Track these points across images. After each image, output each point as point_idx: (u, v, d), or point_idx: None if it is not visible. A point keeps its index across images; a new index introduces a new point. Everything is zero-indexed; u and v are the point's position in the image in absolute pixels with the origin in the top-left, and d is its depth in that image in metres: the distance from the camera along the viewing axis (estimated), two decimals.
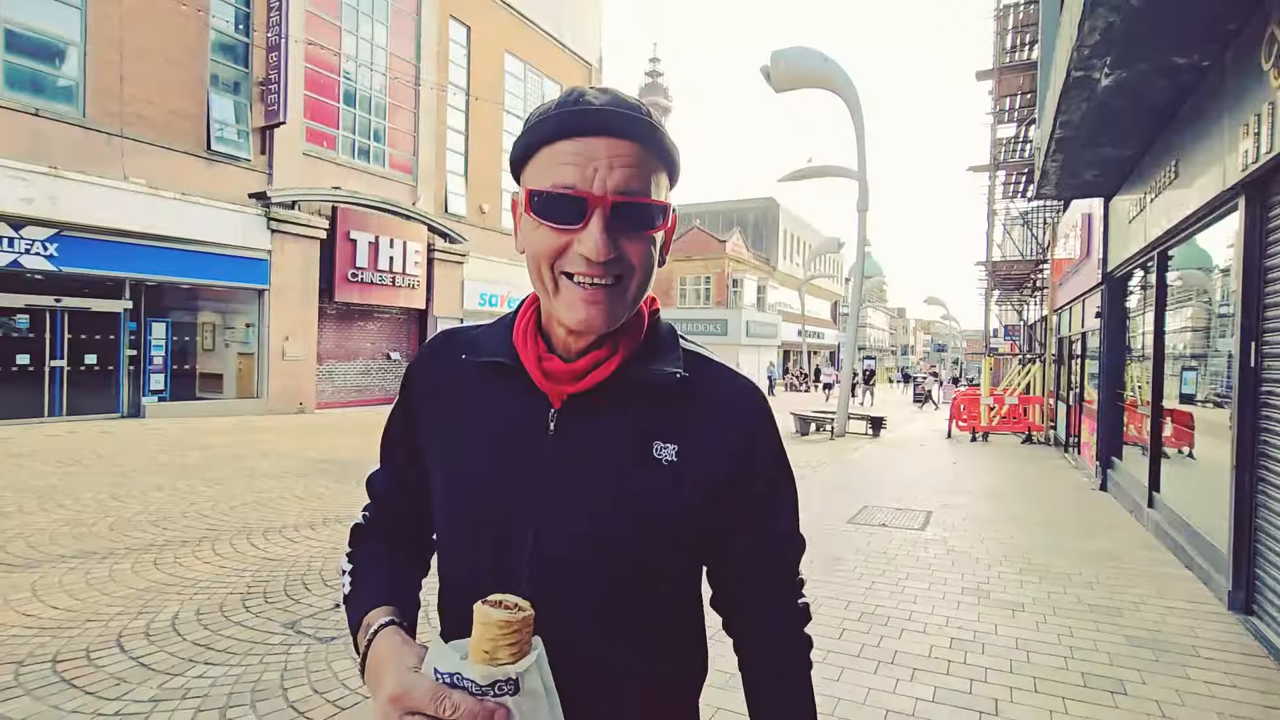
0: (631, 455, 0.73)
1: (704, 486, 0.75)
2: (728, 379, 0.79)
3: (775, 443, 0.81)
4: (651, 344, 0.78)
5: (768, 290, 38.72)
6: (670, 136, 0.72)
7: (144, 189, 11.76)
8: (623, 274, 0.68)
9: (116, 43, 11.66)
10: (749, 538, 0.80)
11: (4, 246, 10.27)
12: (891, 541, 5.59)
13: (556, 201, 0.67)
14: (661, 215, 0.70)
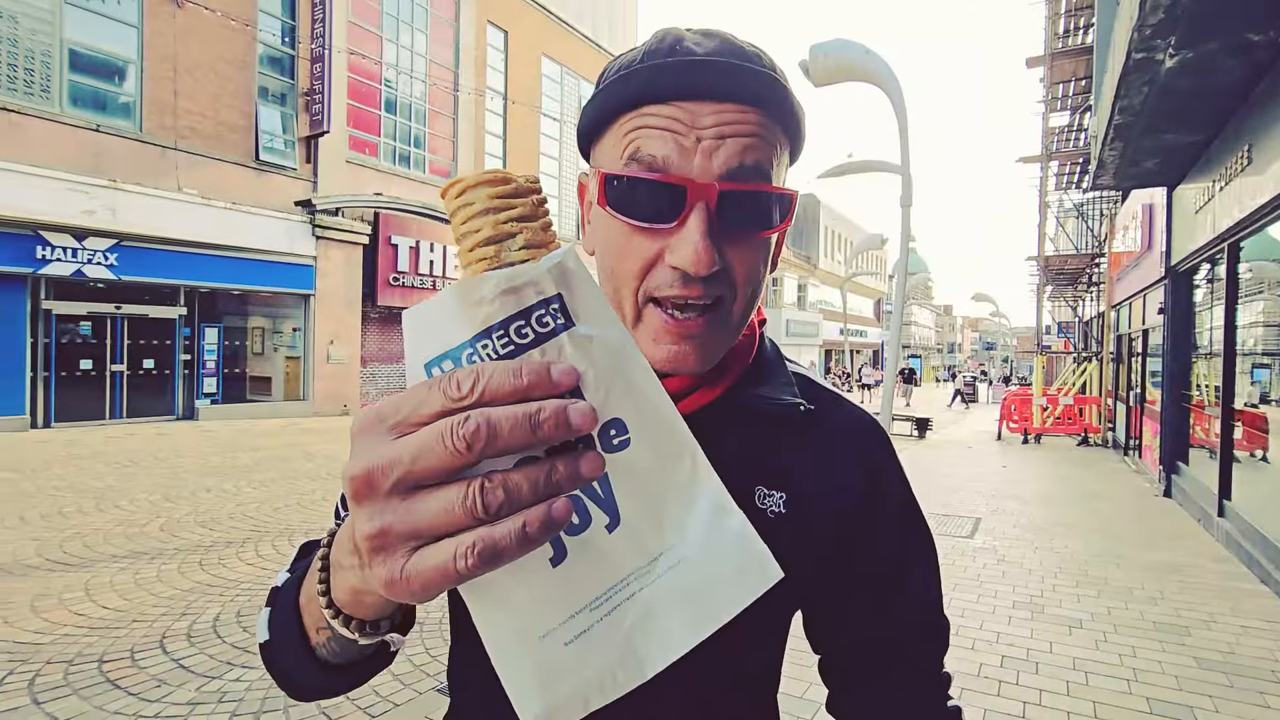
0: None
1: (817, 547, 0.60)
2: (844, 408, 0.65)
3: (905, 488, 0.65)
4: (760, 365, 0.64)
5: (808, 288, 38.10)
6: (797, 95, 0.53)
7: (197, 199, 12.20)
8: (726, 294, 0.52)
9: (170, 59, 12.13)
10: (874, 617, 0.63)
11: (68, 257, 10.78)
12: (938, 550, 5.37)
13: (640, 190, 0.50)
14: (784, 209, 0.52)
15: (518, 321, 0.30)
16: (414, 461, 0.28)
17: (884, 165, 16.58)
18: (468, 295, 0.31)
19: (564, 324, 0.31)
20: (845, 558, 0.62)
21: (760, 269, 0.54)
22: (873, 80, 13.51)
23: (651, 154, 0.49)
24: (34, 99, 10.66)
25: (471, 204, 0.32)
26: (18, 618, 3.57)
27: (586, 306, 0.32)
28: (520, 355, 0.30)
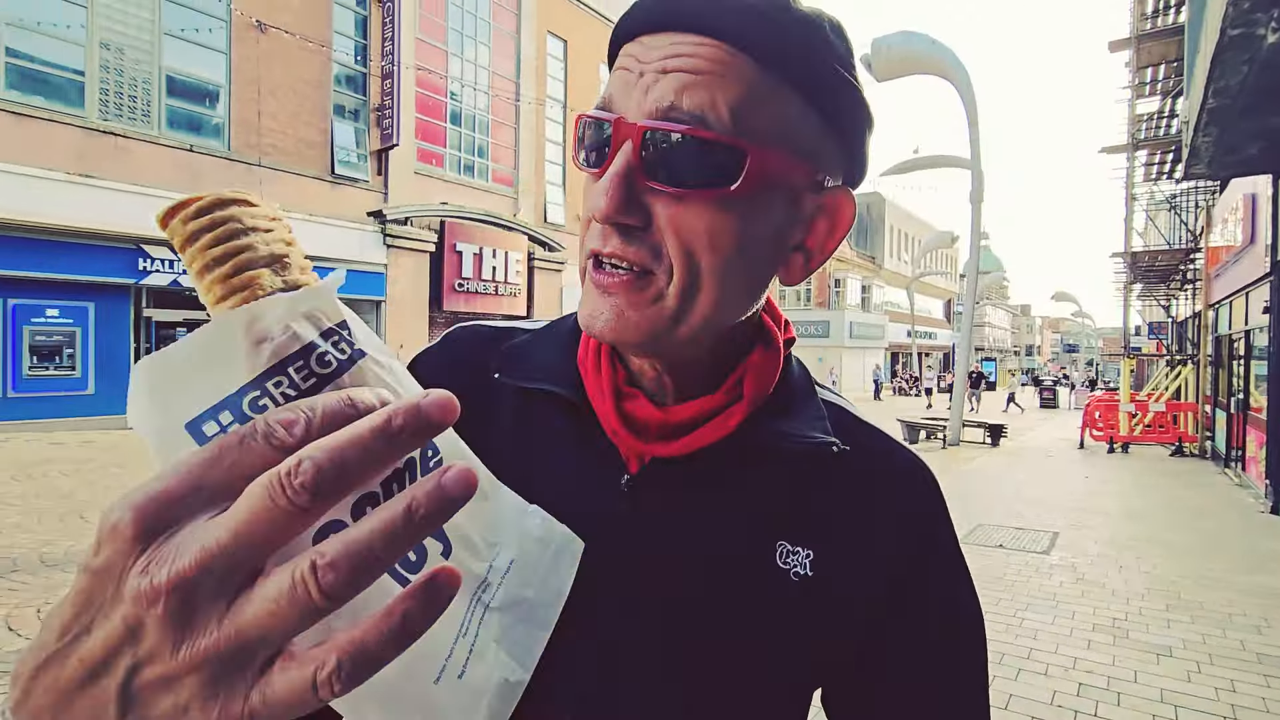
0: (741, 560, 0.48)
1: (847, 616, 0.49)
2: (887, 449, 0.54)
3: (956, 555, 0.54)
4: (785, 391, 0.53)
5: (873, 289, 36.99)
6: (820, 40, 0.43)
7: (278, 212, 12.93)
8: (653, 265, 0.42)
9: (255, 82, 12.93)
10: (905, 707, 0.51)
11: (165, 268, 11.64)
12: (1009, 566, 5.07)
13: (583, 132, 0.45)
14: (733, 164, 0.41)
15: (318, 349, 0.26)
16: (237, 542, 0.21)
17: (953, 160, 15.95)
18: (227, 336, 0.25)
19: (359, 351, 0.28)
20: (878, 633, 0.51)
21: (711, 241, 0.42)
22: (940, 71, 13.02)
23: (604, 96, 0.44)
24: (136, 123, 11.58)
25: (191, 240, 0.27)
26: None
27: (363, 332, 0.29)
28: (324, 389, 0.26)
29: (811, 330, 33.04)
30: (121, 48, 11.48)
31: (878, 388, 28.20)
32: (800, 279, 0.49)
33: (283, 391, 0.25)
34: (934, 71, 13.24)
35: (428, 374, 0.58)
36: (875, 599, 0.50)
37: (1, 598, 3.89)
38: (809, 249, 0.49)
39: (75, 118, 10.82)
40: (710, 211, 0.42)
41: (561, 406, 0.52)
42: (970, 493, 8.17)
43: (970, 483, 8.91)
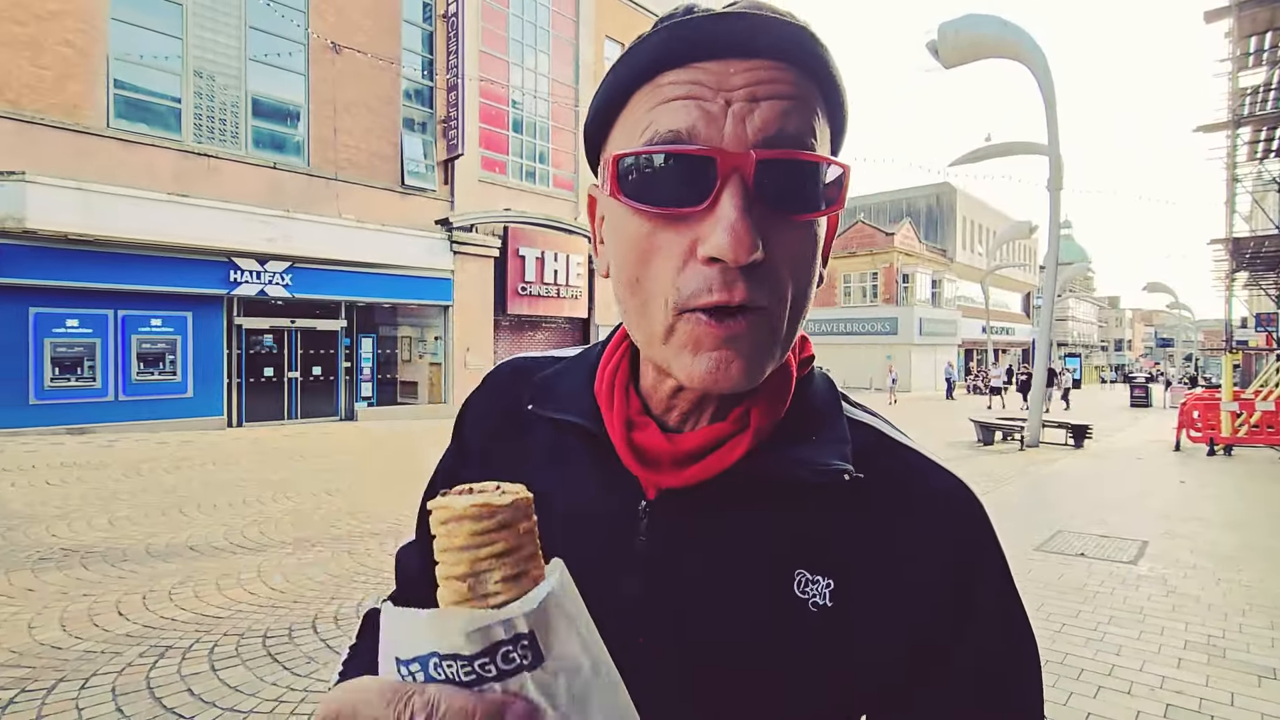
0: (757, 589, 0.47)
1: (874, 652, 0.46)
2: (921, 472, 0.50)
3: (1004, 588, 0.49)
4: (802, 414, 0.50)
5: (944, 284, 35.52)
6: (838, 64, 0.44)
7: (353, 223, 13.61)
8: (768, 299, 0.42)
9: (331, 100, 13.65)
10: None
11: (253, 279, 12.44)
12: (1092, 576, 4.79)
13: (659, 167, 0.41)
14: (836, 186, 0.43)
15: (482, 659, 0.31)
16: None
17: (1029, 146, 15.13)
18: (439, 626, 0.31)
19: (530, 662, 0.32)
20: (915, 671, 0.47)
21: (809, 267, 0.43)
22: (1012, 54, 12.38)
23: (673, 128, 0.41)
24: (226, 144, 12.44)
25: (454, 536, 0.32)
26: (206, 593, 4.17)
27: (560, 639, 0.33)
28: (481, 685, 0.31)
29: (878, 328, 32.05)
30: (212, 75, 12.36)
31: (950, 387, 26.98)
32: (821, 281, 0.49)
33: (453, 671, 0.31)
34: (1006, 55, 12.61)
35: (473, 417, 0.62)
36: (906, 634, 0.46)
37: (112, 585, 4.27)
38: (826, 249, 0.48)
39: (173, 141, 11.73)
40: (811, 234, 0.43)
41: (584, 437, 0.52)
42: (1050, 497, 7.75)
43: (1050, 487, 8.45)
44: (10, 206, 9.61)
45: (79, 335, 10.83)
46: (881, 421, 0.54)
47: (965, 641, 0.47)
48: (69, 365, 10.75)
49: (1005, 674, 0.48)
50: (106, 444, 9.93)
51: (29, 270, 10.12)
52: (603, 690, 0.34)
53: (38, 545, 5.04)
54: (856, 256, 33.34)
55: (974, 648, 0.47)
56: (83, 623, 3.68)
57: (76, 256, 10.51)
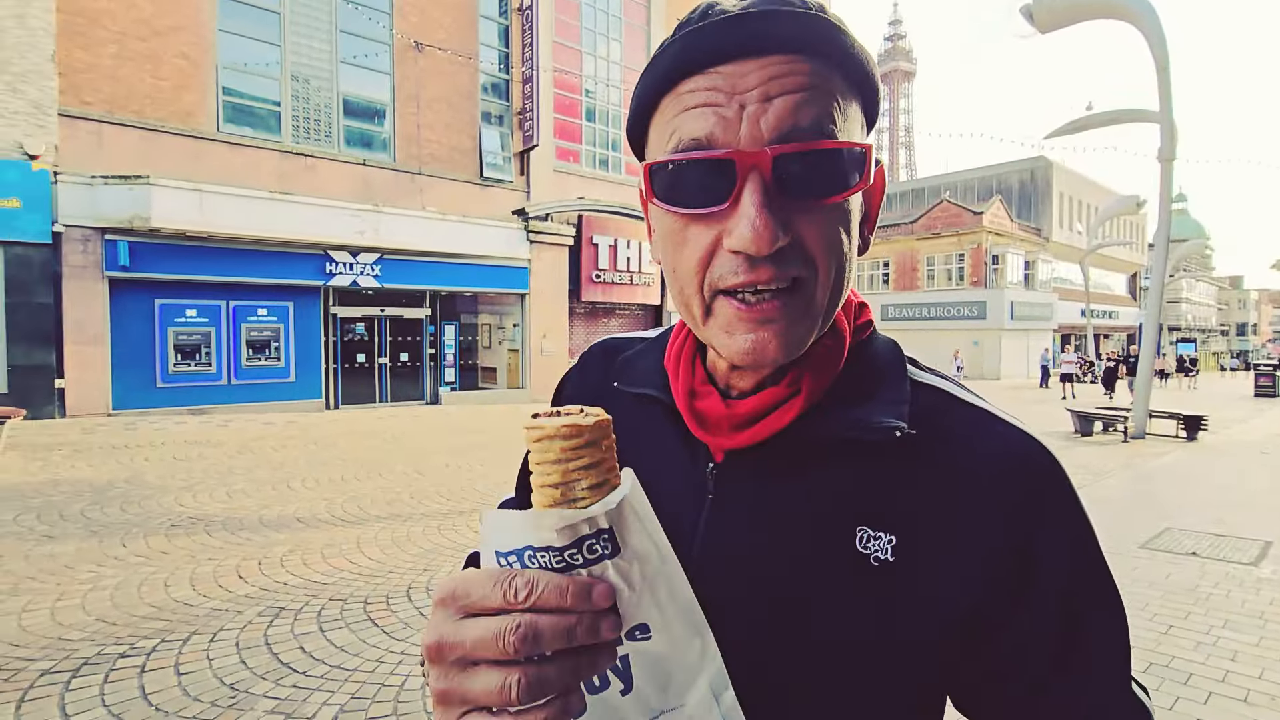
0: (821, 544, 0.49)
1: (937, 609, 0.47)
2: (987, 429, 0.50)
3: (1079, 544, 0.48)
4: (857, 377, 0.52)
5: (1038, 265, 33.32)
6: (859, 40, 0.46)
7: (436, 215, 14.18)
8: (803, 273, 0.45)
9: (415, 98, 14.22)
10: (1026, 696, 0.48)
11: (347, 270, 13.20)
12: (1205, 576, 4.45)
13: (685, 173, 0.45)
14: (858, 166, 0.45)
15: (571, 550, 0.38)
16: (472, 648, 0.36)
17: (1137, 114, 13.90)
18: (534, 523, 0.38)
19: (609, 552, 0.38)
20: (983, 629, 0.47)
21: (842, 241, 0.46)
22: (1118, 14, 11.38)
23: (694, 136, 0.44)
24: (320, 144, 13.20)
25: (547, 453, 0.38)
26: (313, 561, 4.52)
27: (632, 535, 0.39)
28: (570, 571, 0.38)
29: (965, 312, 30.48)
30: (308, 78, 13.12)
31: (1045, 374, 25.33)
32: (867, 249, 0.52)
33: (545, 560, 0.38)
34: (1110, 15, 11.62)
35: (568, 394, 0.69)
36: (972, 589, 0.47)
37: (230, 552, 4.70)
38: (863, 222, 0.51)
39: (274, 143, 12.56)
40: (840, 212, 0.46)
41: (660, 408, 0.57)
42: (1157, 492, 7.21)
43: (1157, 480, 7.85)
44: (138, 207, 10.59)
45: (197, 324, 11.85)
46: (951, 384, 0.54)
47: (1035, 601, 0.46)
48: (189, 352, 11.79)
49: (1084, 634, 0.47)
50: (222, 424, 10.85)
51: (154, 265, 11.14)
52: (668, 576, 0.41)
53: (168, 513, 5.60)
54: (941, 237, 31.76)
55: (1047, 607, 0.46)
56: (209, 583, 4.08)
57: (193, 251, 11.48)
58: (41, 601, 3.75)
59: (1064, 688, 0.47)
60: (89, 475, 6.91)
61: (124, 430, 9.78)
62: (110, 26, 10.90)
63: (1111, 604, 0.48)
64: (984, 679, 0.49)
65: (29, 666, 3.04)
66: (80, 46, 10.68)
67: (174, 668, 3.05)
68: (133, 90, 11.09)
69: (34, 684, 2.89)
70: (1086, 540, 0.48)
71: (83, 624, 3.49)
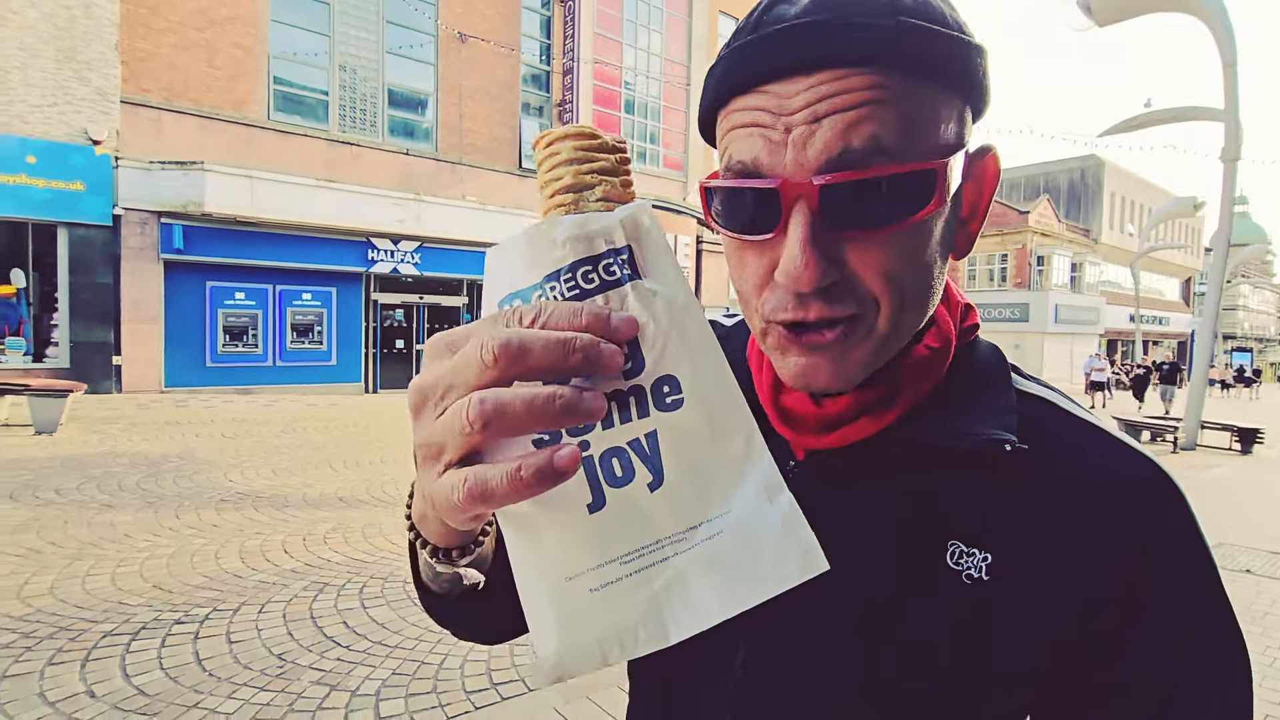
0: (907, 557, 0.46)
1: (1036, 634, 0.44)
2: (1103, 448, 0.47)
3: (1202, 577, 0.44)
4: (960, 383, 0.49)
5: (1085, 267, 32.27)
6: (955, 28, 0.41)
7: (475, 205, 14.36)
8: (858, 310, 0.42)
9: (457, 88, 14.39)
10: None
11: (388, 258, 13.47)
12: (1260, 594, 4.29)
13: (734, 197, 0.43)
14: (925, 187, 0.40)
15: (585, 266, 0.31)
16: (453, 374, 0.29)
17: (1200, 112, 13.33)
18: (541, 238, 0.31)
19: (629, 275, 0.32)
20: (1090, 658, 0.44)
21: (910, 267, 0.42)
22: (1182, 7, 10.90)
23: (741, 160, 0.42)
24: (366, 133, 13.47)
25: (558, 154, 0.33)
26: (355, 540, 4.65)
27: (655, 263, 0.33)
28: (584, 299, 0.31)
29: (1007, 314, 29.74)
30: (355, 68, 13.38)
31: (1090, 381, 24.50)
32: (967, 251, 0.48)
33: (556, 293, 0.31)
34: (1175, 8, 11.15)
35: None
36: (1080, 623, 0.44)
37: (278, 526, 4.86)
38: (964, 219, 0.47)
39: (321, 131, 12.86)
40: (904, 237, 0.41)
41: None
42: (1208, 506, 6.95)
43: (1209, 494, 7.57)
44: (193, 193, 10.96)
45: (245, 307, 12.24)
46: (1057, 395, 0.51)
47: (1148, 631, 0.43)
48: (237, 333, 12.19)
49: (1201, 673, 0.43)
50: (267, 404, 11.20)
51: (207, 248, 11.54)
52: (698, 321, 0.33)
53: (218, 488, 5.82)
54: (984, 236, 30.90)
55: (1164, 642, 0.43)
56: (257, 556, 4.23)
57: (243, 236, 11.84)
58: (103, 567, 3.94)
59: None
60: (144, 449, 7.21)
61: (175, 407, 10.17)
62: (169, 16, 11.27)
63: (1233, 641, 0.44)
64: (1087, 712, 0.45)
65: (92, 628, 3.20)
66: (141, 36, 11.07)
67: (225, 636, 3.18)
68: (190, 79, 11.46)
69: (97, 645, 3.04)
70: (1209, 573, 0.44)
71: (140, 590, 3.65)
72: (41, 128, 10.30)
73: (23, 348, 10.73)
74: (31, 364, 10.61)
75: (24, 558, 4.02)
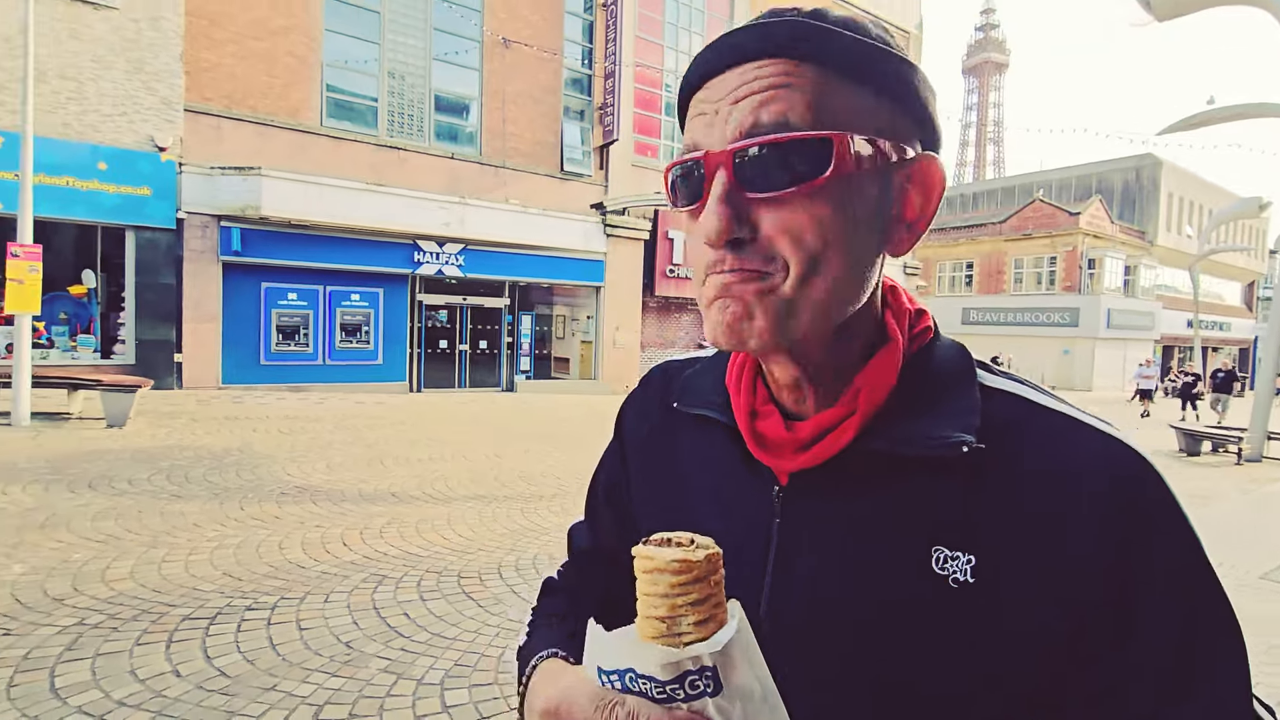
0: (894, 566, 0.47)
1: (1026, 632, 0.45)
2: (1073, 436, 0.47)
3: (1190, 561, 0.44)
4: (917, 388, 0.50)
5: (1140, 270, 31.08)
6: (860, 25, 0.47)
7: (517, 208, 14.58)
8: (766, 267, 0.45)
9: (500, 93, 14.63)
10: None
11: (433, 260, 13.77)
12: None
13: (679, 174, 0.49)
14: (823, 156, 0.44)
15: (673, 684, 0.38)
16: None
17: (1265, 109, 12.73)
18: (640, 653, 0.39)
19: (711, 690, 0.39)
20: (1081, 657, 0.44)
21: (815, 235, 0.44)
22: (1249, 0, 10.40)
23: (688, 142, 0.49)
24: (413, 137, 13.79)
25: (656, 585, 0.39)
26: (409, 534, 4.79)
27: (737, 672, 0.39)
28: (670, 703, 0.39)
29: (1055, 319, 28.86)
30: (403, 75, 13.72)
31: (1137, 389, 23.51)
32: (907, 249, 0.50)
33: (648, 688, 0.39)
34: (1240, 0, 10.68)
35: (630, 417, 0.69)
36: (1060, 610, 0.44)
37: (335, 520, 5.03)
38: (909, 220, 0.49)
39: (370, 136, 13.21)
40: (811, 204, 0.44)
41: (721, 430, 0.56)
42: (1271, 522, 6.65)
43: (1272, 508, 7.24)
44: (250, 197, 11.39)
45: (297, 307, 12.66)
46: (1027, 388, 0.51)
47: (1145, 624, 0.43)
48: (289, 333, 12.61)
49: (1199, 660, 0.43)
50: (318, 401, 11.56)
51: (262, 250, 11.97)
52: (770, 712, 0.40)
53: (277, 482, 6.05)
54: (1032, 239, 30.12)
55: (1158, 630, 0.43)
56: (318, 549, 4.40)
57: (296, 239, 12.25)
58: (176, 555, 4.14)
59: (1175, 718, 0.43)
60: (207, 442, 7.54)
61: (232, 403, 10.58)
62: (229, 27, 11.74)
63: (1227, 624, 0.44)
64: (1081, 711, 0.45)
65: (171, 612, 3.37)
66: (204, 47, 11.56)
67: (295, 623, 3.32)
68: (248, 87, 11.91)
69: (178, 627, 3.21)
70: (1197, 556, 0.44)
71: (212, 577, 3.83)
72: (112, 135, 10.83)
73: (92, 345, 11.29)
74: (100, 360, 11.16)
75: (104, 543, 4.26)
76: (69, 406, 8.67)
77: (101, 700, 2.61)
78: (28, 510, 4.81)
